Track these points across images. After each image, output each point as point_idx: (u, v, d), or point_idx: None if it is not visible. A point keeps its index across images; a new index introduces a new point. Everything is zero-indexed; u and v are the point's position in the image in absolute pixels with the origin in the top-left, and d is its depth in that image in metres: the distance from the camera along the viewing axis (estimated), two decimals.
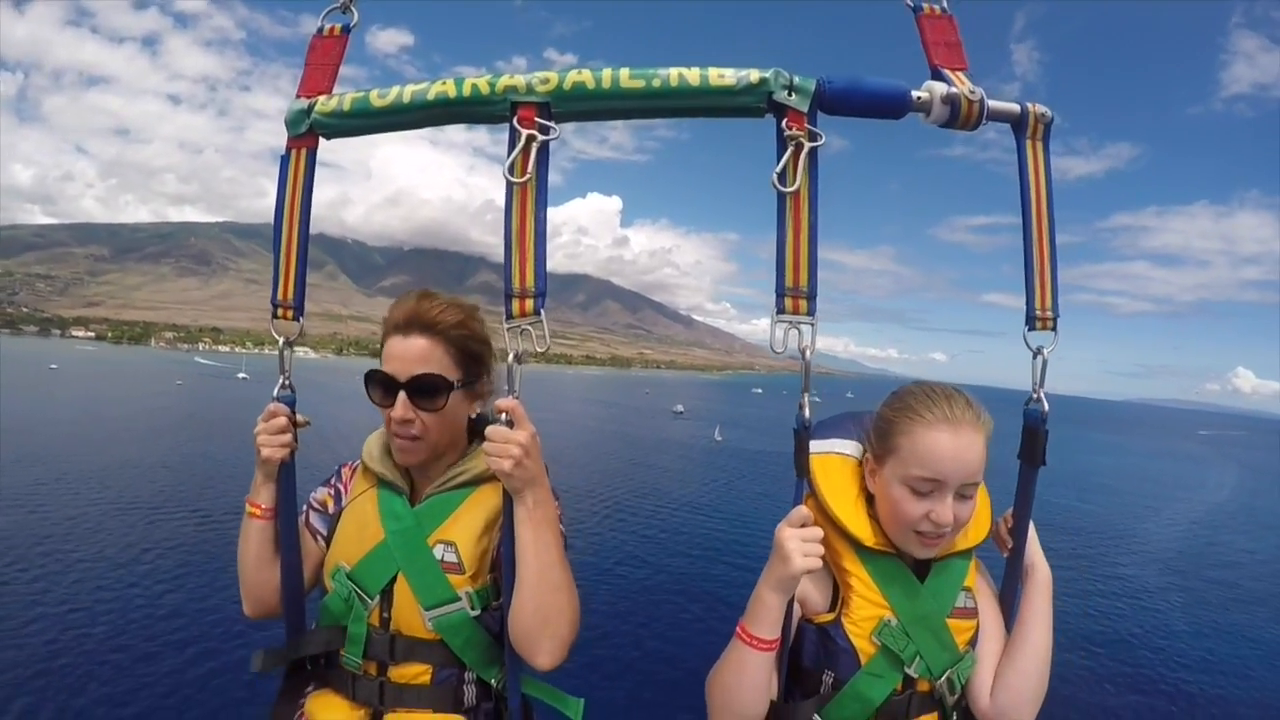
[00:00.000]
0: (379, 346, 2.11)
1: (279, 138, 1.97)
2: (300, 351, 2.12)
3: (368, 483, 2.17)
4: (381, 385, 2.02)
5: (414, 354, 2.01)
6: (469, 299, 2.18)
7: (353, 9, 2.06)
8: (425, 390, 2.00)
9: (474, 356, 2.11)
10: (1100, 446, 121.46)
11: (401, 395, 1.99)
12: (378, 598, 2.01)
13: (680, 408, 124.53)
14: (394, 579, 2.00)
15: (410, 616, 1.98)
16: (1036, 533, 1.99)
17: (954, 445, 1.73)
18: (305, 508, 2.21)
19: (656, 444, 72.31)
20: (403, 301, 2.08)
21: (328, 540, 2.16)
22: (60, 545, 25.25)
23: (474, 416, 2.18)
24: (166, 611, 20.31)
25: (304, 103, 1.92)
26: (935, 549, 1.83)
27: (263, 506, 2.05)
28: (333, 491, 2.26)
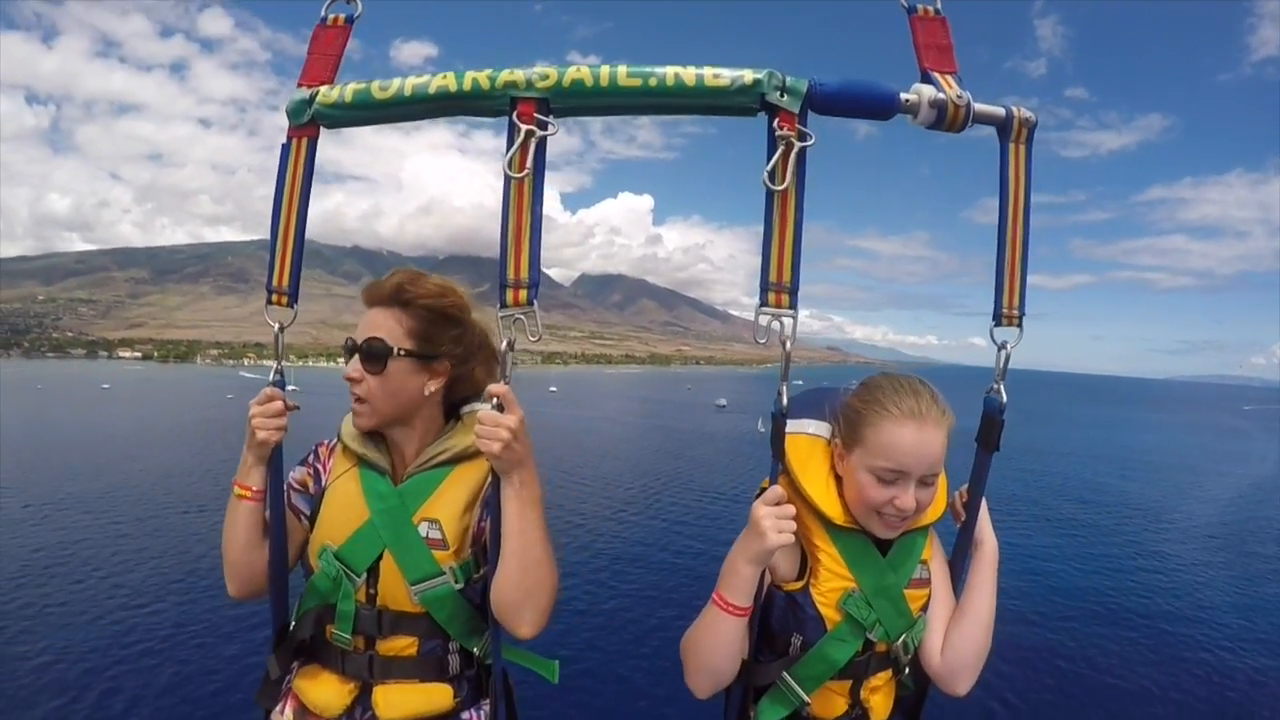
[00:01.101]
0: None
1: None
2: (340, 362, 2.24)
3: (349, 462, 2.22)
4: (347, 350, 2.15)
5: (370, 321, 2.12)
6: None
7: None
8: (370, 354, 2.08)
9: (431, 333, 2.16)
10: (1142, 424, 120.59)
11: (356, 358, 2.11)
12: (364, 575, 2.08)
13: (723, 401, 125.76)
14: (380, 557, 2.07)
15: (396, 592, 2.06)
16: (989, 510, 2.15)
17: (918, 439, 1.85)
18: (286, 488, 2.23)
19: (702, 437, 74.26)
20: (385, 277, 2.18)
21: (310, 520, 2.20)
22: (134, 544, 28.54)
23: (429, 392, 2.20)
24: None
25: (306, 92, 1.96)
26: (897, 530, 1.96)
27: (253, 489, 2.10)
28: (311, 471, 2.29)
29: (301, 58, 2.07)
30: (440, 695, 2.13)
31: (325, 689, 2.13)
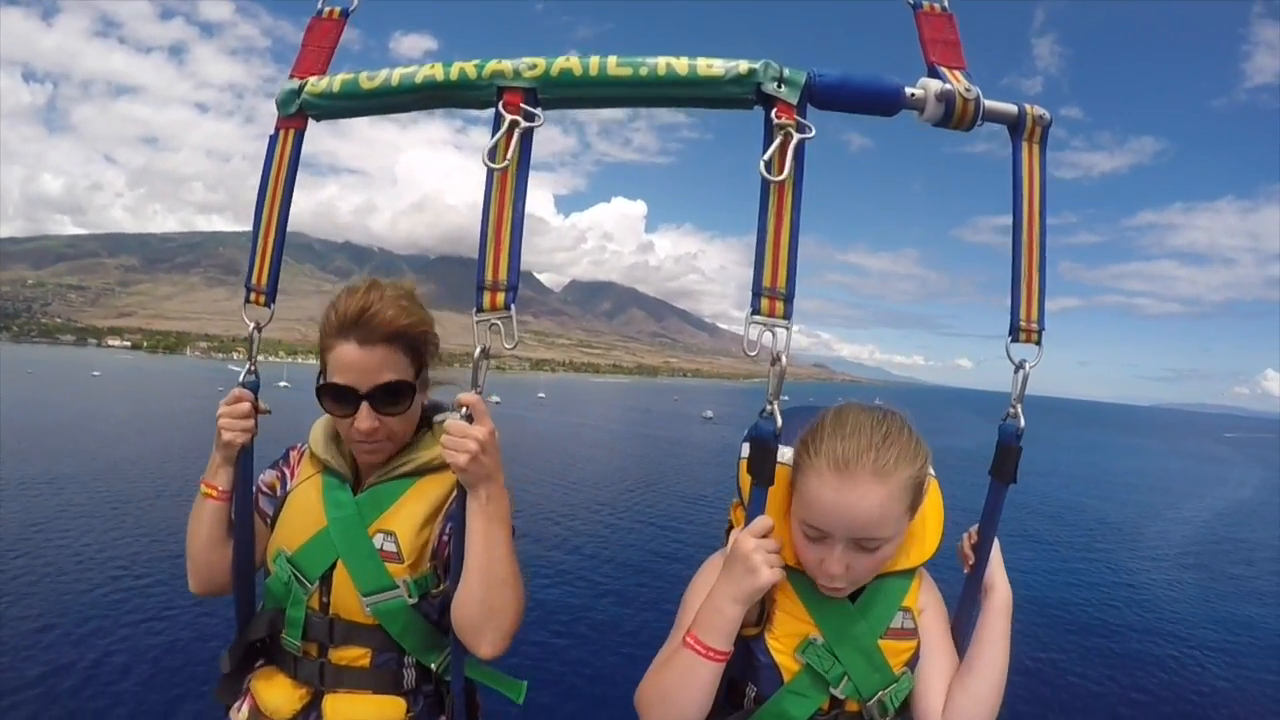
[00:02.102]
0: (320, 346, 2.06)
1: (306, 144, 2.00)
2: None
3: (313, 468, 2.18)
4: (339, 398, 2.00)
5: (375, 363, 1.98)
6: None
7: None
8: (394, 398, 2.01)
9: (423, 353, 2.13)
10: (1123, 449, 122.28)
11: (365, 407, 1.98)
12: (317, 583, 2.04)
13: (709, 413, 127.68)
14: (334, 565, 2.03)
15: (349, 602, 2.01)
16: (1001, 551, 1.90)
17: (837, 497, 1.59)
18: (254, 490, 2.21)
19: (689, 446, 76.10)
20: (354, 303, 1.99)
21: (274, 522, 2.18)
22: (124, 524, 29.03)
23: (425, 403, 2.21)
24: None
25: (295, 83, 1.94)
26: (839, 594, 1.73)
27: (219, 488, 2.08)
28: (279, 475, 2.27)
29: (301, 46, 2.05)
30: (392, 708, 2.06)
31: (278, 692, 2.09)
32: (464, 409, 1.78)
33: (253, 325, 2.02)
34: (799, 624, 1.75)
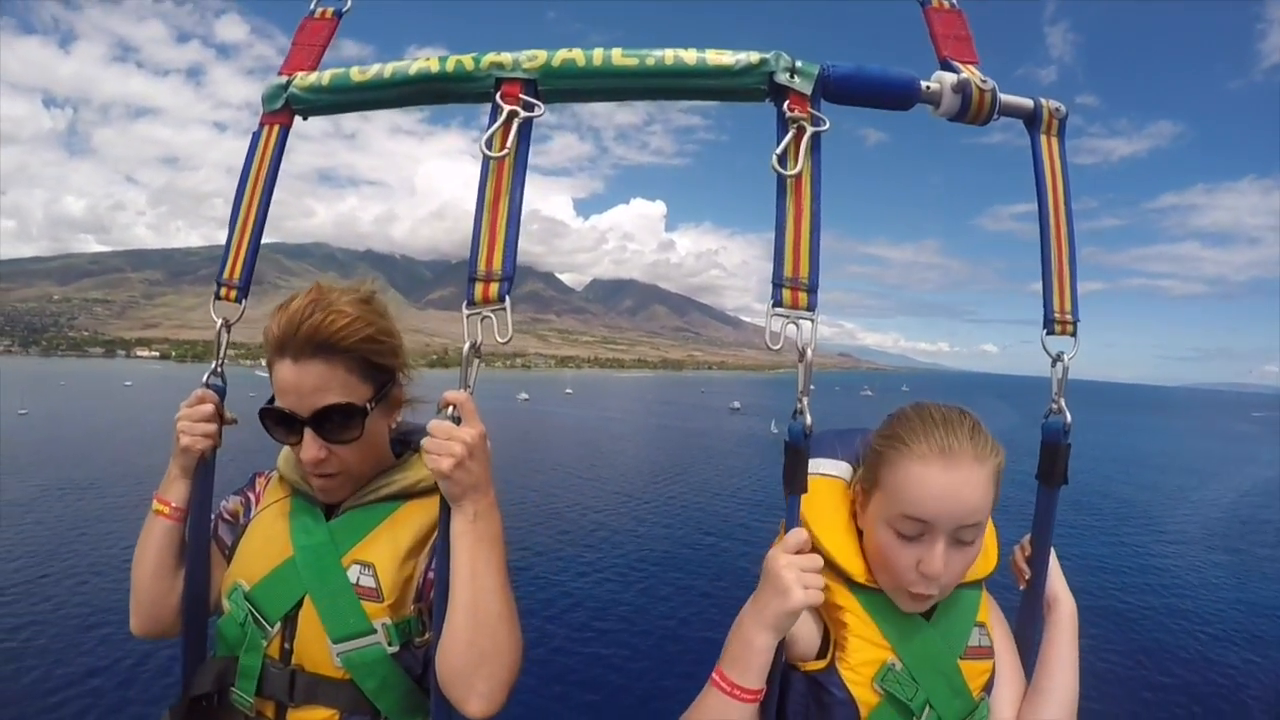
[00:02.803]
0: (267, 363, 1.77)
1: (325, 159, 2.88)
2: None
3: (282, 491, 1.92)
4: (281, 423, 1.74)
5: (311, 383, 1.70)
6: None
7: None
8: (335, 423, 1.72)
9: (383, 364, 1.83)
10: (1150, 429, 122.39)
11: (308, 432, 1.71)
12: (279, 625, 1.73)
13: (737, 404, 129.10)
14: (299, 603, 1.72)
15: (315, 649, 1.69)
16: (1059, 561, 1.79)
17: (946, 481, 1.48)
18: (214, 517, 1.94)
19: (719, 436, 79.02)
20: (288, 314, 1.72)
21: (232, 554, 1.88)
22: None
23: (393, 426, 1.94)
24: None
25: (283, 79, 1.86)
26: (924, 605, 1.58)
27: (172, 505, 1.82)
28: (244, 501, 2.00)
29: None
30: None
31: None
32: (450, 408, 1.55)
33: (220, 322, 1.81)
34: (874, 649, 1.57)
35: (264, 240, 1.88)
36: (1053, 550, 1.77)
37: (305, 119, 1.89)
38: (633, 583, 25.26)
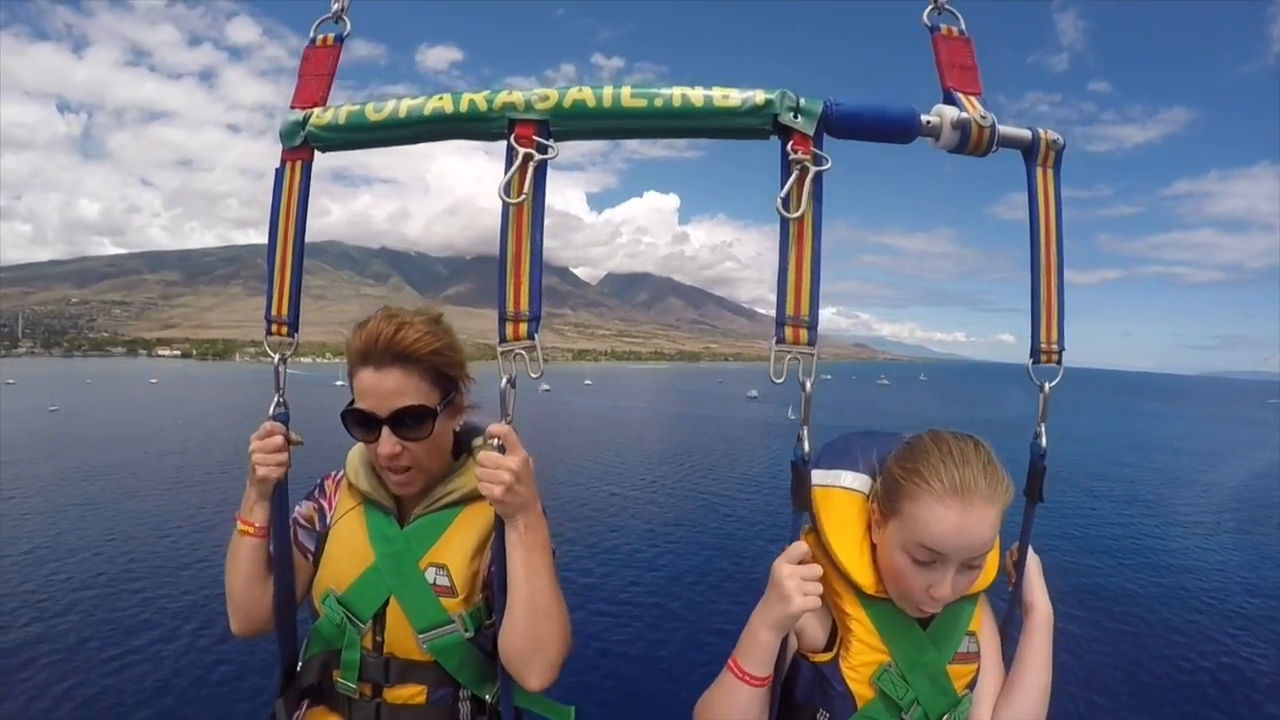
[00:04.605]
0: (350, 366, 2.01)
1: (338, 157, 1.99)
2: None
3: (354, 500, 2.13)
4: (361, 423, 1.98)
5: (389, 388, 1.94)
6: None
7: (345, 19, 2.05)
8: (413, 423, 1.95)
9: (449, 374, 2.06)
10: (1165, 415, 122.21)
11: (385, 430, 1.94)
12: (370, 622, 1.99)
13: (754, 393, 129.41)
14: (386, 603, 1.98)
15: (404, 640, 1.98)
16: (1040, 567, 1.94)
17: (961, 521, 1.61)
18: (292, 524, 2.16)
19: (737, 422, 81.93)
20: (368, 330, 1.96)
21: (316, 557, 2.13)
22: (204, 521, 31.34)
23: (458, 430, 2.17)
24: None
25: (299, 114, 1.90)
26: (929, 614, 1.79)
27: (256, 525, 2.02)
28: (316, 506, 2.20)
29: None
30: None
31: None
32: (495, 440, 1.76)
33: (277, 358, 1.95)
34: (874, 653, 1.78)
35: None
36: (1037, 560, 1.94)
37: (324, 152, 1.94)
38: (658, 562, 25.72)
